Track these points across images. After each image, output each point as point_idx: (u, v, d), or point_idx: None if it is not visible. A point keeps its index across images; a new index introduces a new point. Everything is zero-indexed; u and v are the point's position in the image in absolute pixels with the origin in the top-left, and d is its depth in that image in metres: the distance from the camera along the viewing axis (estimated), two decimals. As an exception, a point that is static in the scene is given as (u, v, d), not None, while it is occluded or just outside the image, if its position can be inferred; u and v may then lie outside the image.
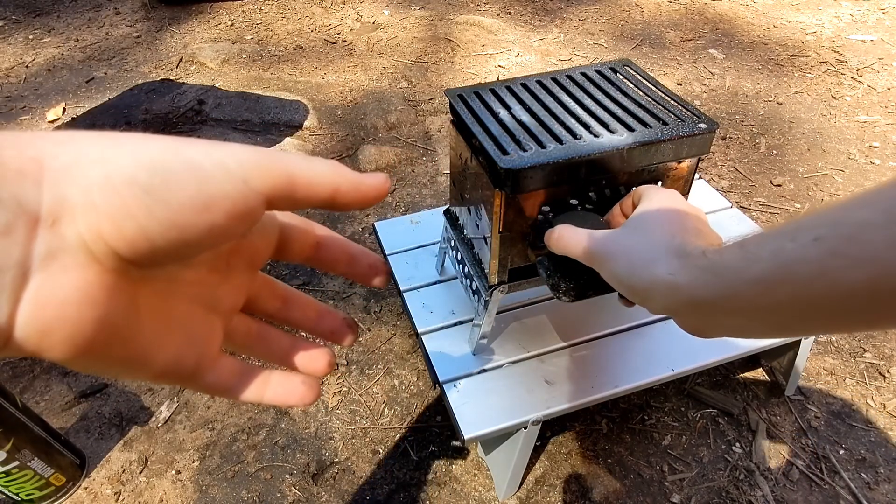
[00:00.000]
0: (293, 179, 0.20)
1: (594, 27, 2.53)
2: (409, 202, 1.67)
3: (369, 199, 0.23)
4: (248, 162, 0.19)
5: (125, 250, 0.18)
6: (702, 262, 0.36)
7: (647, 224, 0.44)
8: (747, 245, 0.32)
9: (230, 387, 0.26)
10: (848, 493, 1.04)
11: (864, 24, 2.47)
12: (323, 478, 1.09)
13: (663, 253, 0.39)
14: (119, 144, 0.18)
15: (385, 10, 2.67)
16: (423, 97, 2.10)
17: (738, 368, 1.24)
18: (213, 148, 0.19)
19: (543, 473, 1.08)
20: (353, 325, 0.30)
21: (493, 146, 0.67)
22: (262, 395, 0.26)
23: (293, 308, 0.30)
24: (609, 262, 0.44)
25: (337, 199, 0.22)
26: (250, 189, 0.19)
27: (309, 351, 0.29)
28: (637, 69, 0.82)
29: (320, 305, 0.30)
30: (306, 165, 0.21)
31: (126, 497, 1.06)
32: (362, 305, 1.38)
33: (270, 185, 0.20)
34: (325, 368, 0.29)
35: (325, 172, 0.21)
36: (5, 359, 1.28)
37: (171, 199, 0.18)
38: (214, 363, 0.25)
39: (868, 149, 1.81)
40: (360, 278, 0.29)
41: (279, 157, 0.20)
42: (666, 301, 0.37)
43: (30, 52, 2.46)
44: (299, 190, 0.21)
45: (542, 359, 0.96)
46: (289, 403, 0.27)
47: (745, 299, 0.32)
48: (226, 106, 2.04)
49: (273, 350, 0.28)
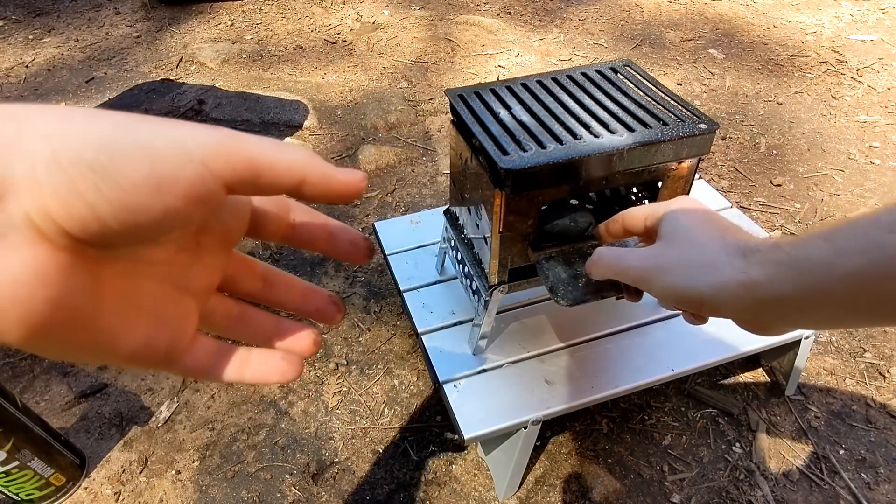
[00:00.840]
0: (256, 164, 0.19)
1: (594, 27, 2.53)
2: (409, 202, 1.67)
3: (340, 194, 0.22)
4: (207, 143, 0.18)
5: (76, 230, 0.17)
6: (777, 255, 0.34)
7: (687, 230, 0.41)
8: (834, 238, 0.31)
9: (208, 368, 0.25)
10: (848, 493, 1.04)
11: (864, 24, 2.47)
12: (323, 478, 1.09)
13: (722, 254, 0.37)
14: (67, 119, 0.17)
15: (385, 10, 2.67)
16: (423, 97, 2.10)
17: (738, 368, 1.24)
18: (170, 127, 0.18)
19: (543, 473, 1.08)
20: (338, 303, 0.29)
21: (493, 146, 0.67)
22: (242, 374, 0.26)
23: (275, 287, 0.29)
24: (662, 277, 0.41)
25: (303, 189, 0.21)
26: (209, 171, 0.18)
27: (293, 331, 0.28)
28: (637, 69, 0.82)
29: (304, 284, 0.29)
30: (273, 151, 0.20)
31: (126, 497, 1.06)
32: (362, 305, 1.38)
33: (231, 169, 0.19)
34: (311, 348, 0.28)
35: (293, 160, 0.20)
36: (5, 360, 1.28)
37: (121, 178, 0.17)
38: (190, 345, 0.24)
39: (868, 149, 1.81)
40: (341, 256, 0.28)
41: (243, 139, 0.19)
42: (740, 302, 0.36)
43: (30, 52, 2.46)
44: (263, 176, 0.20)
45: (542, 359, 0.96)
46: (270, 381, 0.26)
47: (837, 294, 0.30)
48: (226, 106, 2.04)
49: (256, 331, 0.28)
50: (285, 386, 1.23)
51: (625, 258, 0.45)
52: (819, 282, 0.31)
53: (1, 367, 1.27)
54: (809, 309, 0.33)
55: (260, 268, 0.28)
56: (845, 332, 1.30)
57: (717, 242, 0.38)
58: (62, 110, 0.17)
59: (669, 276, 0.40)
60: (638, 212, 0.48)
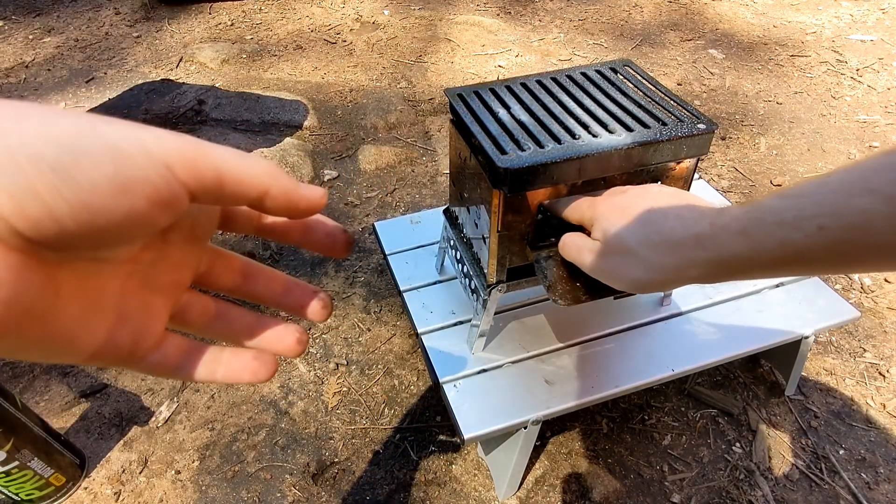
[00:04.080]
0: (221, 174, 0.19)
1: (594, 27, 2.53)
2: (409, 202, 1.67)
3: (300, 209, 0.22)
4: (172, 148, 0.18)
5: (29, 231, 0.16)
6: (697, 254, 0.42)
7: (616, 236, 0.49)
8: (750, 233, 0.36)
9: (177, 366, 0.24)
10: (848, 493, 1.04)
11: (864, 24, 2.47)
12: (323, 478, 1.09)
13: (653, 253, 0.45)
14: (25, 116, 0.17)
15: (385, 10, 2.67)
16: (423, 97, 2.10)
17: (738, 368, 1.23)
18: (135, 129, 0.18)
19: (543, 473, 1.08)
20: (325, 297, 0.28)
21: (491, 146, 0.67)
22: (214, 373, 0.25)
23: (255, 282, 0.28)
24: (613, 275, 0.49)
25: (265, 202, 0.21)
26: (174, 176, 0.18)
27: (275, 328, 0.27)
28: (637, 69, 0.82)
29: (287, 278, 0.28)
30: (237, 161, 0.20)
31: (126, 497, 1.06)
32: (362, 305, 1.38)
33: (196, 177, 0.19)
34: (295, 347, 0.27)
35: (258, 173, 0.20)
36: (5, 360, 1.29)
37: (82, 179, 0.16)
38: (158, 343, 0.24)
39: (868, 149, 1.81)
40: (317, 248, 0.27)
41: (208, 148, 0.19)
42: (699, 271, 0.42)
43: (30, 52, 2.46)
44: (227, 186, 0.20)
45: (542, 359, 0.96)
46: (242, 380, 0.25)
47: (761, 270, 0.37)
48: (226, 106, 2.04)
49: (235, 329, 0.27)
50: (285, 386, 1.23)
51: (583, 253, 0.54)
52: (752, 260, 0.37)
53: (1, 367, 1.27)
54: (744, 274, 0.39)
55: (239, 262, 0.28)
56: (845, 331, 1.30)
57: (642, 243, 0.46)
58: (20, 106, 0.17)
59: (623, 270, 0.48)
60: (572, 211, 0.61)
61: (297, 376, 1.25)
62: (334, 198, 1.70)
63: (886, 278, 1.40)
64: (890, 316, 1.33)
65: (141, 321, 0.23)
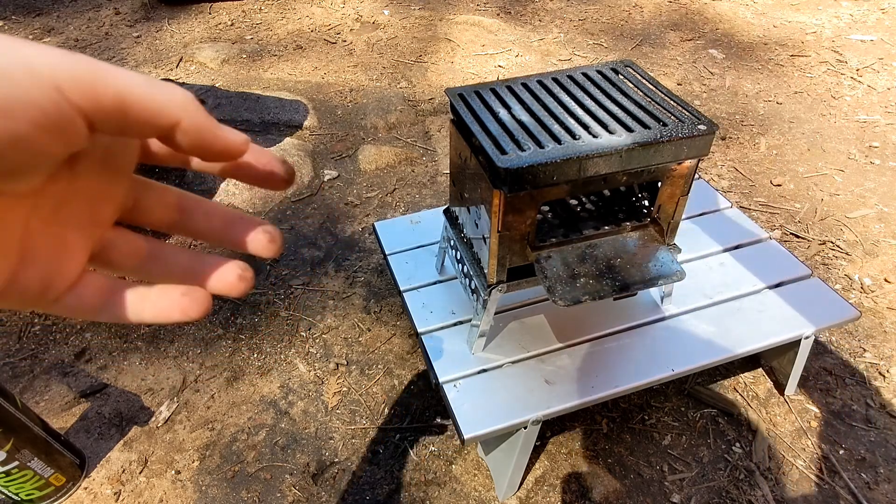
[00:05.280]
0: (123, 100, 0.17)
1: (594, 27, 2.53)
2: (409, 202, 1.67)
3: (214, 150, 0.20)
4: (63, 69, 0.16)
5: None
6: None
7: None
8: None
9: (98, 307, 0.22)
10: (848, 493, 1.04)
11: (864, 24, 2.47)
12: (323, 478, 1.09)
13: None
14: None
15: (385, 10, 2.67)
16: (423, 97, 2.10)
17: (738, 368, 1.23)
18: (20, 45, 0.16)
19: (543, 473, 1.08)
20: (272, 229, 0.25)
21: (491, 146, 0.67)
22: (140, 313, 0.23)
23: (193, 217, 0.25)
24: None
25: (176, 135, 0.19)
26: (65, 99, 0.16)
27: (215, 265, 0.24)
28: (638, 69, 0.82)
29: (229, 211, 0.25)
30: (144, 87, 0.18)
31: (126, 497, 1.06)
32: (362, 305, 1.38)
33: (92, 101, 0.17)
34: (237, 284, 0.24)
35: (167, 102, 0.18)
36: (5, 360, 1.29)
37: None
38: (74, 283, 0.22)
39: (868, 149, 1.81)
40: (256, 181, 0.24)
41: (108, 70, 0.17)
42: None
43: (30, 52, 2.46)
44: (132, 113, 0.17)
45: (542, 359, 0.96)
46: (172, 319, 0.23)
47: None
48: (226, 106, 2.04)
49: (169, 268, 0.24)
50: (285, 386, 1.23)
51: None
52: None
53: (1, 367, 1.27)
54: None
55: (173, 195, 0.25)
56: (845, 331, 1.30)
57: None
58: None
59: None
60: None
61: (297, 376, 1.25)
62: (334, 198, 1.70)
63: (886, 278, 1.40)
64: (890, 316, 1.33)
65: (51, 260, 0.21)
